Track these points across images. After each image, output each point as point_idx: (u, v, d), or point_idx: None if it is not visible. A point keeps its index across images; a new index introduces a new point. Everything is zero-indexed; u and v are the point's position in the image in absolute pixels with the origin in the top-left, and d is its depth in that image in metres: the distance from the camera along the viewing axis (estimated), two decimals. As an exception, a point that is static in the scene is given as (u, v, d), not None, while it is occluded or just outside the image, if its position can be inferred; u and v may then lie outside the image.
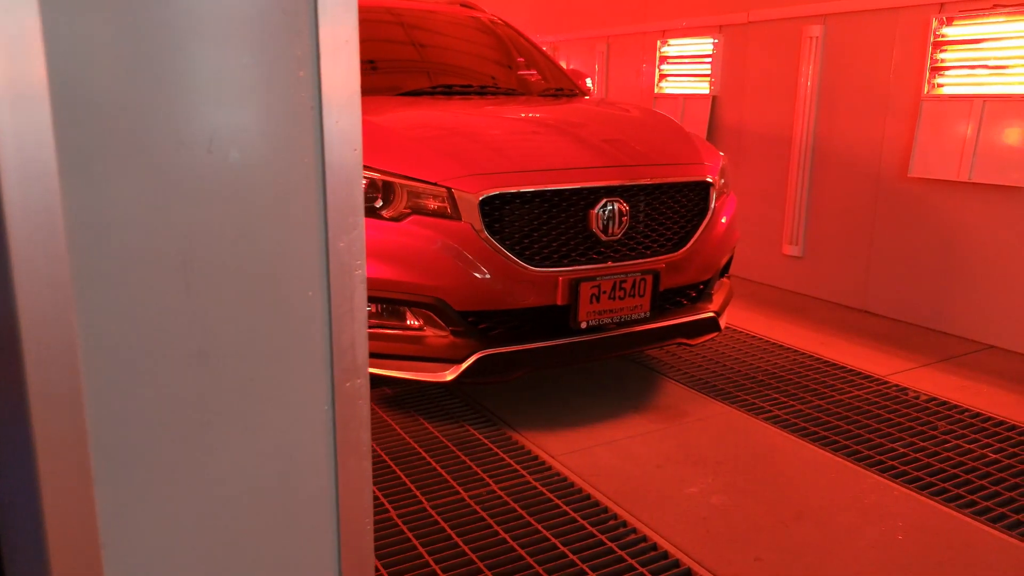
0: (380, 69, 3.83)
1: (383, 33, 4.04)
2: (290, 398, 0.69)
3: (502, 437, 2.83)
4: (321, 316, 0.66)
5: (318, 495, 0.69)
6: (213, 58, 0.61)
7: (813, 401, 3.18)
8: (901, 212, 4.23)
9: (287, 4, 0.60)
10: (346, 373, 0.68)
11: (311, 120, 0.63)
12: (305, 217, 0.64)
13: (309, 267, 0.65)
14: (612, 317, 2.81)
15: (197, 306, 0.62)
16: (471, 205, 2.58)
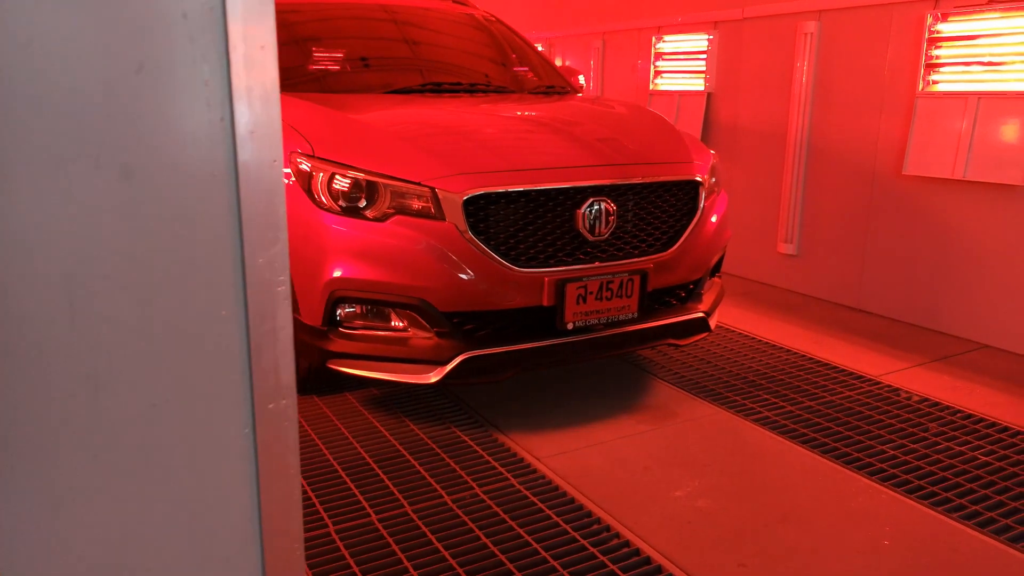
0: (370, 66, 3.80)
1: (373, 30, 4.01)
2: (202, 423, 0.66)
3: (488, 439, 2.80)
4: (237, 336, 0.63)
5: (239, 524, 0.66)
6: (99, 66, 0.57)
7: (804, 402, 3.15)
8: (896, 210, 4.20)
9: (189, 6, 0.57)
10: (269, 394, 0.65)
11: (220, 132, 0.60)
12: (215, 233, 0.61)
13: (221, 285, 0.61)
14: (599, 318, 2.78)
15: (84, 327, 0.59)
16: (455, 205, 2.55)
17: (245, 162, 0.60)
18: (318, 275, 2.65)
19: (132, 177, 0.60)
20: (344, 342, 2.68)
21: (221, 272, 0.61)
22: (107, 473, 0.65)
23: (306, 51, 3.79)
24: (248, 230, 0.61)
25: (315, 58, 3.77)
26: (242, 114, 0.60)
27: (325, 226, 2.63)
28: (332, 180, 2.64)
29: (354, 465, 2.59)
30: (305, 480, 2.48)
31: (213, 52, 0.58)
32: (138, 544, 0.67)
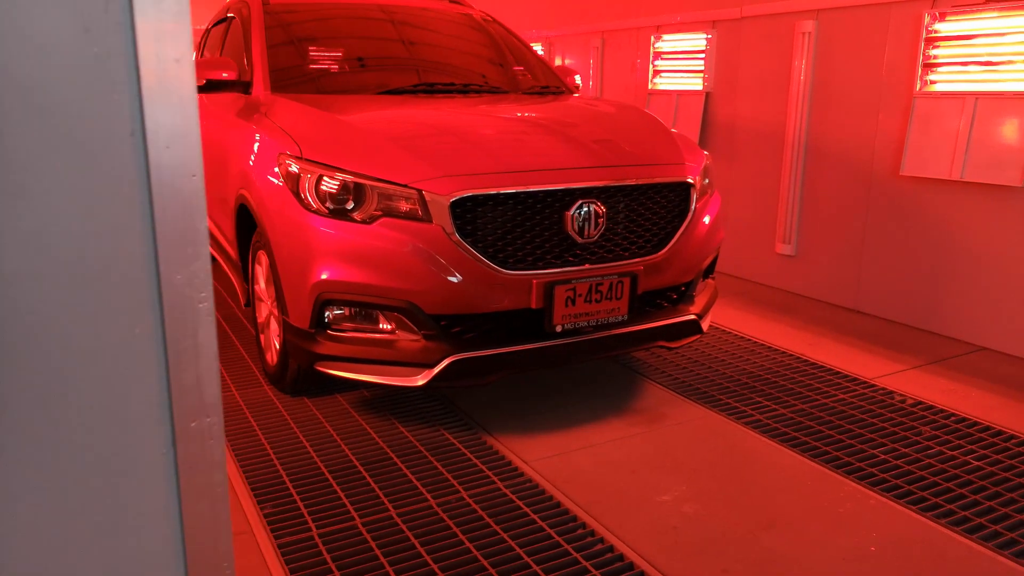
0: (364, 67, 3.79)
1: (369, 30, 4.00)
2: (118, 443, 0.64)
3: (477, 442, 2.79)
4: (153, 354, 0.62)
5: (160, 545, 0.65)
6: None
7: (796, 405, 3.13)
8: (893, 211, 4.17)
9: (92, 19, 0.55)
10: (191, 412, 0.64)
11: (130, 148, 0.58)
12: (127, 251, 0.60)
13: (134, 303, 0.60)
14: (588, 320, 2.77)
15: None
16: (442, 207, 2.54)
17: (159, 177, 0.59)
18: (305, 277, 2.64)
19: (37, 194, 0.59)
20: (332, 344, 2.67)
21: (134, 289, 0.60)
22: (17, 498, 0.64)
23: (301, 52, 3.78)
24: (164, 247, 0.60)
25: (310, 59, 3.76)
26: (155, 129, 0.59)
27: (312, 228, 2.62)
28: (320, 182, 2.63)
29: (341, 468, 2.58)
30: (291, 484, 2.48)
31: (121, 66, 0.57)
32: (54, 573, 0.66)
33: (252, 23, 3.79)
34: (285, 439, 2.79)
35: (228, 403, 3.09)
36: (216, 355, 0.67)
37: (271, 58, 3.59)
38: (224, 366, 3.48)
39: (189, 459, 0.65)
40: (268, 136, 2.96)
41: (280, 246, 2.78)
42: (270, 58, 3.59)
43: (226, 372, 3.42)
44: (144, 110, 0.58)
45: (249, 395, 3.17)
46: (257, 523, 2.26)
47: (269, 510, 2.32)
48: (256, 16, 3.82)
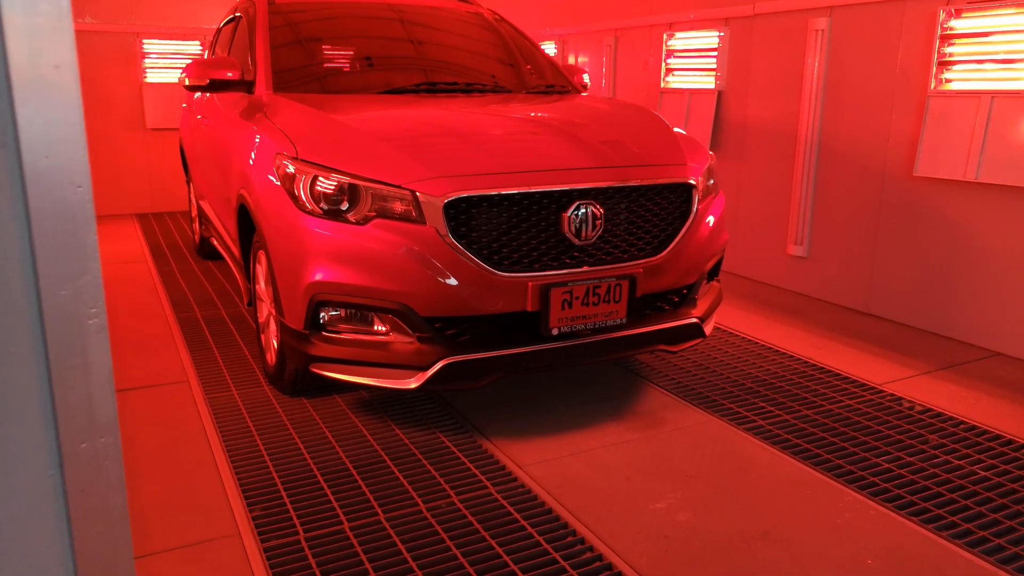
0: (369, 66, 3.77)
1: (376, 29, 3.98)
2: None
3: (472, 445, 2.76)
4: (34, 374, 0.60)
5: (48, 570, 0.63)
6: None
7: (801, 411, 3.06)
8: (907, 212, 4.08)
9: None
10: (81, 433, 0.62)
11: (2, 160, 0.56)
12: (0, 267, 0.57)
13: (9, 321, 0.58)
14: (586, 323, 2.73)
15: None
16: (436, 209, 2.51)
17: (38, 188, 0.57)
18: (300, 278, 2.63)
19: None
20: (326, 346, 2.66)
21: (8, 307, 0.57)
22: None
23: (306, 51, 3.77)
24: (45, 261, 0.57)
25: (314, 58, 3.76)
26: (31, 138, 0.56)
27: (307, 229, 2.61)
28: (314, 183, 2.62)
29: (333, 471, 2.56)
30: (283, 486, 2.47)
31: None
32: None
33: (257, 22, 3.79)
34: (280, 440, 2.78)
35: (226, 403, 3.09)
36: (110, 373, 0.65)
37: (275, 58, 3.59)
38: (226, 365, 3.49)
39: (80, 482, 0.63)
40: (266, 136, 2.95)
41: (276, 246, 2.77)
42: (274, 58, 3.59)
43: (227, 372, 3.42)
44: (16, 119, 0.56)
45: (248, 395, 3.17)
46: (245, 526, 2.25)
47: (258, 513, 2.31)
48: (261, 15, 3.81)
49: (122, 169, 7.42)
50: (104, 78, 7.19)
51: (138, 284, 4.91)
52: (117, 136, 7.34)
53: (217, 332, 3.96)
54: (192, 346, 3.75)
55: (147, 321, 4.15)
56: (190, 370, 3.45)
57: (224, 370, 3.44)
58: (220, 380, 3.33)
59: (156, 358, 3.60)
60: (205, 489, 2.46)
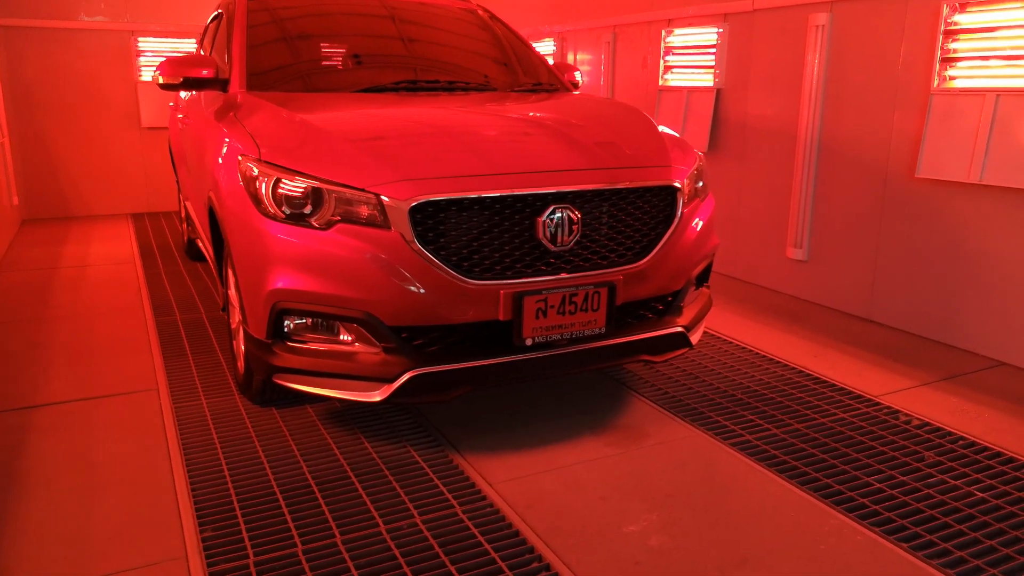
0: (346, 64, 3.66)
1: (360, 26, 3.87)
2: None
3: (443, 460, 2.64)
4: None
5: None
6: None
7: (792, 425, 2.92)
8: (909, 215, 3.92)
9: None
10: None
11: None
12: None
13: None
14: (562, 333, 2.60)
15: None
16: (401, 213, 2.39)
17: None
18: (261, 286, 2.52)
19: None
20: (290, 356, 2.54)
21: None
22: None
23: (283, 49, 3.67)
24: None
25: (292, 56, 3.65)
26: None
27: (268, 234, 2.50)
28: (277, 186, 2.50)
29: (294, 488, 2.45)
30: (239, 504, 2.36)
31: None
32: None
33: (236, 19, 3.69)
34: (243, 454, 2.67)
35: (193, 413, 2.99)
36: None
37: (251, 55, 3.48)
38: (199, 373, 3.39)
39: None
40: (233, 137, 2.84)
41: (239, 251, 2.66)
42: (250, 55, 3.48)
43: (199, 380, 3.31)
44: None
45: (217, 405, 3.06)
46: (194, 548, 2.14)
47: (209, 533, 2.20)
48: (240, 11, 3.71)
49: (117, 169, 7.36)
50: (99, 77, 7.12)
51: (123, 286, 4.82)
52: (112, 135, 7.27)
53: (195, 337, 3.86)
54: (167, 352, 3.65)
55: (126, 325, 4.06)
56: (161, 377, 3.35)
57: (196, 378, 3.33)
58: (191, 388, 3.22)
59: (129, 364, 3.50)
60: (158, 506, 2.35)
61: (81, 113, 7.13)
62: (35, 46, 6.87)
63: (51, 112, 7.02)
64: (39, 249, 5.88)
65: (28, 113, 6.94)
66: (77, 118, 7.12)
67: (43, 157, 7.07)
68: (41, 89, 6.95)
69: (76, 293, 4.67)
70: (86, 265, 5.37)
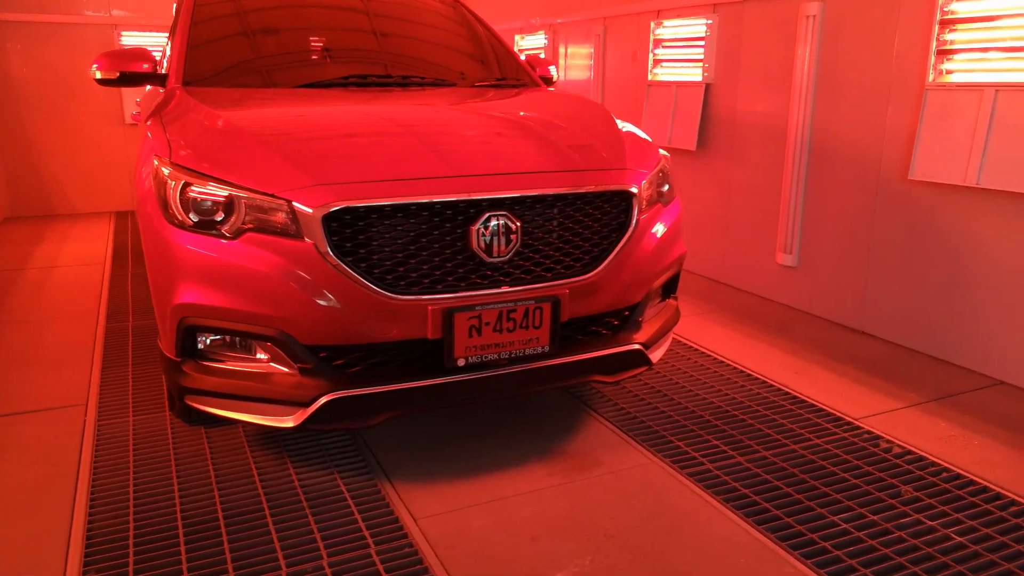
0: (293, 58, 3.44)
1: (311, 19, 3.65)
2: None
3: (370, 491, 2.42)
4: None
5: None
6: None
7: (759, 452, 2.67)
8: (902, 220, 3.64)
9: None
10: None
11: None
12: None
13: None
14: (500, 352, 2.37)
15: None
16: (313, 221, 2.17)
17: None
18: (167, 300, 2.31)
19: None
20: (200, 376, 2.33)
21: None
22: None
23: (231, 42, 3.46)
24: None
25: (239, 49, 3.44)
26: None
27: (174, 243, 2.28)
28: (185, 190, 2.29)
29: (200, 521, 2.24)
30: (135, 539, 2.15)
31: None
32: None
33: (183, 8, 3.49)
34: (155, 479, 2.47)
35: (116, 432, 2.79)
36: None
37: (195, 49, 3.28)
38: (134, 387, 3.19)
39: None
40: (154, 136, 2.64)
41: (148, 262, 2.45)
42: (191, 48, 3.27)
43: (132, 394, 3.12)
44: None
45: (144, 423, 2.87)
46: (70, 593, 1.94)
47: (92, 575, 2.00)
48: (187, 3, 3.51)
49: (99, 165, 7.21)
50: (81, 71, 6.97)
51: (83, 289, 4.65)
52: (94, 131, 7.13)
53: (141, 345, 3.67)
54: (108, 362, 3.46)
55: (75, 332, 3.88)
56: (95, 391, 3.16)
57: (130, 393, 3.14)
58: (122, 404, 3.03)
59: (65, 376, 3.32)
60: (45, 542, 2.15)
61: (64, 108, 6.98)
62: (17, 41, 6.73)
63: (33, 107, 6.88)
64: (12, 249, 5.74)
65: (10, 108, 6.81)
66: (59, 113, 6.98)
67: (24, 153, 6.94)
68: (23, 84, 6.82)
69: (35, 296, 4.50)
70: (55, 266, 5.22)
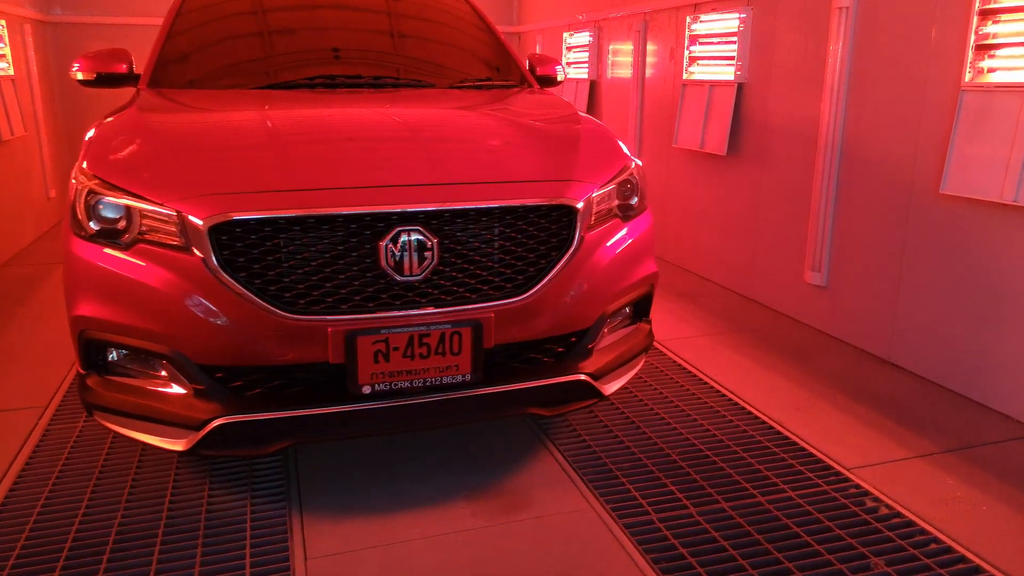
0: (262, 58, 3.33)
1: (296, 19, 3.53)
2: None
3: (276, 521, 2.26)
4: None
5: None
6: None
7: (717, 503, 2.35)
8: (935, 238, 3.19)
9: None
10: None
11: None
12: None
13: None
14: (412, 380, 2.16)
15: None
16: (200, 234, 2.02)
17: None
18: (69, 311, 2.22)
19: None
20: (102, 392, 2.23)
21: None
22: None
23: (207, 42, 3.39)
24: None
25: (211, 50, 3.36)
26: None
27: (73, 252, 2.20)
28: (89, 198, 2.19)
29: (88, 544, 2.14)
30: (14, 563, 2.07)
31: None
32: None
33: (169, 10, 3.45)
34: (70, 493, 2.39)
35: (60, 438, 2.75)
36: None
37: (169, 48, 3.22)
38: (98, 389, 3.16)
39: None
40: (85, 141, 2.57)
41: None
42: (167, 48, 3.22)
43: (92, 398, 3.09)
44: None
45: (91, 429, 2.82)
46: (-78, 616, 1.87)
47: (-48, 598, 1.93)
48: (173, 6, 3.47)
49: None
50: (139, 71, 7.18)
51: (101, 286, 4.73)
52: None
53: (124, 347, 3.66)
54: (86, 363, 3.45)
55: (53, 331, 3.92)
56: (61, 393, 3.15)
57: (90, 395, 3.11)
58: (79, 408, 3.00)
59: (39, 377, 3.33)
60: (-68, 556, 2.10)
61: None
62: (81, 41, 7.00)
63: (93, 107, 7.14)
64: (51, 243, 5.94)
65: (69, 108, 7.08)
66: (118, 113, 7.22)
67: (86, 151, 7.22)
68: (84, 84, 7.08)
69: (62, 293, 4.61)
70: (89, 261, 5.34)
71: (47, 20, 6.87)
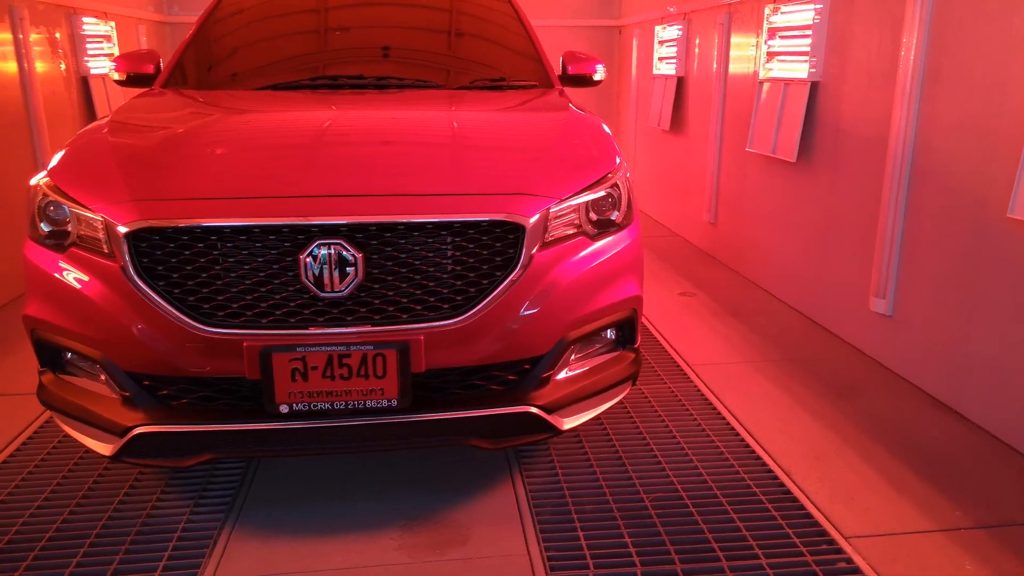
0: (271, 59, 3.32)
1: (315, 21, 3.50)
2: None
3: (203, 537, 2.21)
4: None
5: None
6: None
7: (672, 566, 2.07)
8: (1009, 267, 2.69)
9: None
10: None
11: None
12: None
13: None
14: (334, 402, 2.04)
15: None
16: (120, 240, 2.00)
17: None
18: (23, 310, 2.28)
19: None
20: (52, 390, 2.27)
21: None
22: None
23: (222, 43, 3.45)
24: None
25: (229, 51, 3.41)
26: None
27: (26, 254, 2.24)
28: (39, 200, 2.23)
29: (22, 541, 2.19)
30: (-48, 548, 2.14)
31: None
32: None
33: (203, 12, 3.53)
34: (32, 486, 2.47)
35: (57, 428, 2.86)
36: None
37: (193, 49, 3.29)
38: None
39: None
40: (70, 142, 2.63)
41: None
42: (192, 49, 3.29)
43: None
44: None
45: (85, 420, 2.91)
46: None
47: None
48: (210, 5, 3.54)
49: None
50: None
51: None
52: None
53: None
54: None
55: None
56: (81, 380, 3.29)
57: (103, 385, 3.23)
58: (88, 397, 3.11)
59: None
60: None
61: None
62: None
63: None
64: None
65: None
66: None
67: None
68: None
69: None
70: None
71: (166, 20, 7.32)
